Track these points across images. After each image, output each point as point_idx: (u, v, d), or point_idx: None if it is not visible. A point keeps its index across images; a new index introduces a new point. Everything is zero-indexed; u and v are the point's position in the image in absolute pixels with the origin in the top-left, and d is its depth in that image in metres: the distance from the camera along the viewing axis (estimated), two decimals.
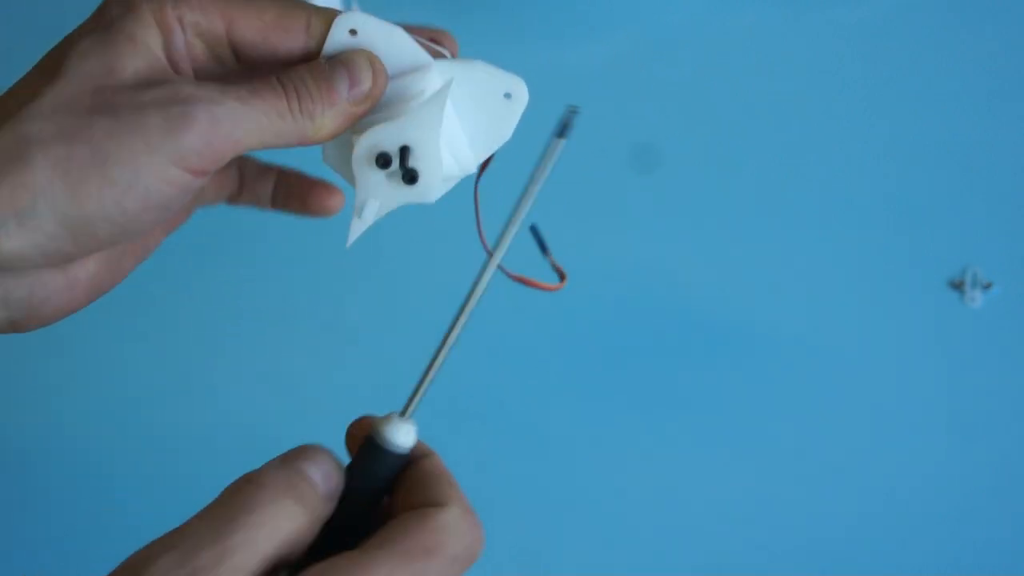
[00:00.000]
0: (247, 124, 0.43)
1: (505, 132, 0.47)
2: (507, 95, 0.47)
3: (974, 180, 0.87)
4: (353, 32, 0.45)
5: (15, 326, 0.44)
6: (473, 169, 0.48)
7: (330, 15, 0.45)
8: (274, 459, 0.39)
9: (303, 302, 0.86)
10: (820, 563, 0.80)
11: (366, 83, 0.45)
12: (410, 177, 0.46)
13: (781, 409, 0.83)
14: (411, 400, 0.42)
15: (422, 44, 0.46)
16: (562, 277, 0.47)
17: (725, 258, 0.87)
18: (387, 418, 0.41)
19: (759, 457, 0.82)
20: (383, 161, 0.45)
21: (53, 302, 0.44)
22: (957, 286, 0.85)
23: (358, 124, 0.46)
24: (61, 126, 0.41)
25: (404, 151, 0.45)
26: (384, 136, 0.45)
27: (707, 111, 0.91)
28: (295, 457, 0.39)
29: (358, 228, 0.47)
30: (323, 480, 0.39)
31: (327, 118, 0.44)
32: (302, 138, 0.44)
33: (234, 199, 0.54)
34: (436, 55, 0.47)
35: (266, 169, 0.53)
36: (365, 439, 0.40)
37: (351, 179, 0.47)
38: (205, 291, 0.87)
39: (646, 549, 0.81)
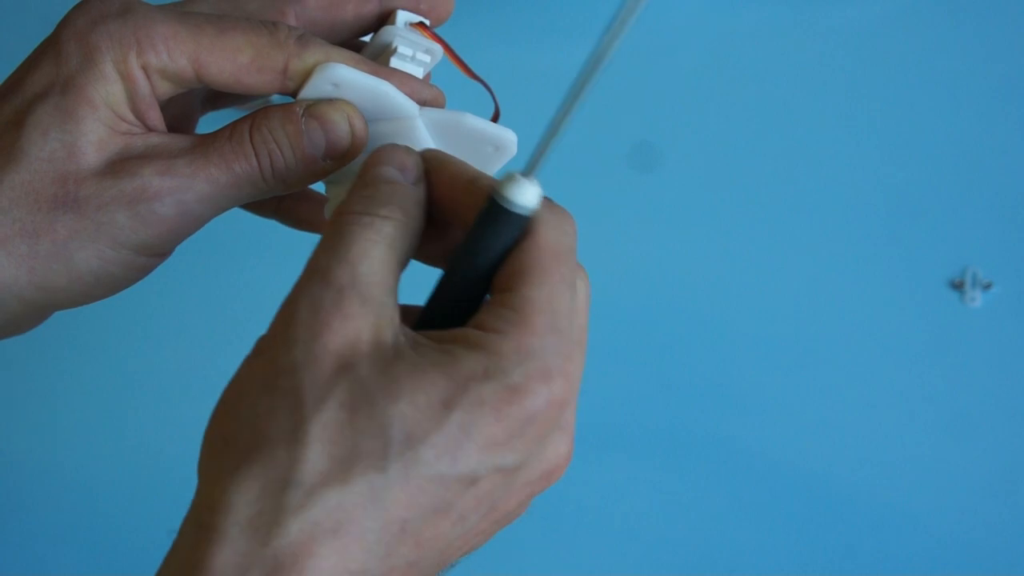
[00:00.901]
0: (217, 200, 0.42)
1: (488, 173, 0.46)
2: (495, 148, 0.46)
3: (974, 180, 0.87)
4: (335, 86, 0.43)
5: (3, 334, 0.44)
6: None
7: (310, 60, 0.42)
8: (354, 180, 0.39)
9: None
10: (819, 563, 0.80)
11: (343, 143, 0.43)
12: None
13: (780, 408, 0.83)
14: (535, 160, 0.39)
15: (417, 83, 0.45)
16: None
17: (724, 257, 0.87)
18: (510, 177, 0.38)
19: (758, 457, 0.82)
20: None
21: (22, 325, 0.44)
22: (957, 286, 0.85)
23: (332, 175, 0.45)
24: (24, 224, 0.40)
25: None
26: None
27: (707, 110, 0.91)
28: (367, 169, 0.39)
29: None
30: (400, 173, 0.39)
31: (298, 177, 0.43)
32: (274, 194, 0.44)
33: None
34: (423, 103, 0.45)
35: None
36: (493, 205, 0.38)
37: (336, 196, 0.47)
38: (205, 291, 0.87)
39: (645, 548, 0.81)
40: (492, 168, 0.46)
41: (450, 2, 0.47)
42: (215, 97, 0.50)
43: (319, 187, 0.49)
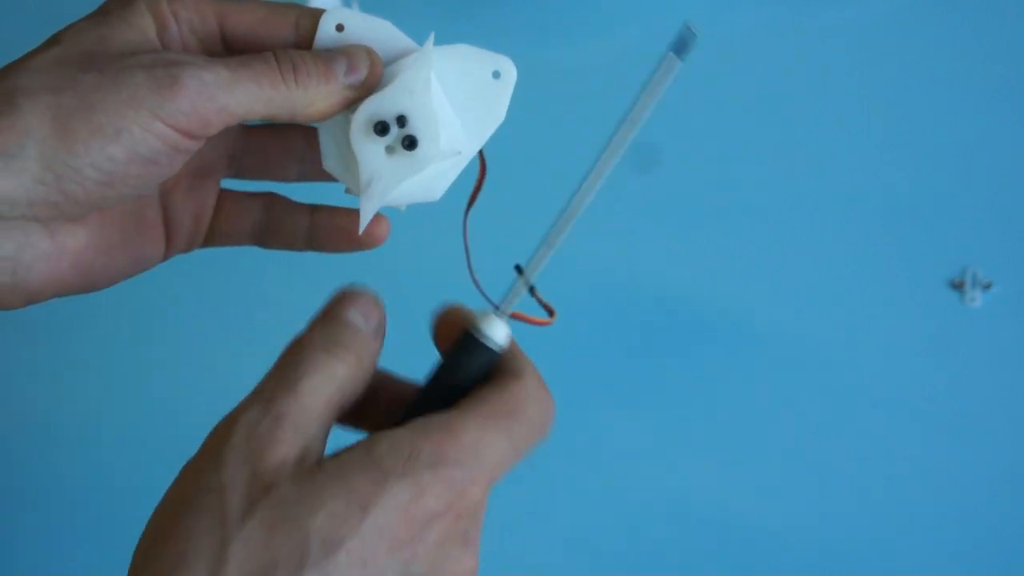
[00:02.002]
0: (235, 90, 0.43)
1: (498, 113, 0.48)
2: (495, 74, 0.48)
3: (974, 180, 0.88)
4: (340, 28, 0.47)
5: (1, 296, 0.44)
6: (473, 153, 0.48)
7: (318, 13, 0.47)
8: (317, 312, 0.42)
9: (304, 302, 0.85)
10: (819, 563, 0.80)
11: (364, 69, 0.46)
12: (409, 142, 0.46)
13: (780, 409, 0.83)
14: (508, 299, 0.44)
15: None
16: (551, 313, 0.48)
17: (724, 257, 0.87)
18: (487, 316, 0.43)
19: (758, 457, 0.82)
20: (380, 128, 0.46)
21: (39, 269, 0.44)
22: (957, 286, 0.85)
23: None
24: (50, 79, 0.42)
25: (400, 119, 0.46)
26: (378, 105, 0.46)
27: (707, 110, 0.91)
28: (333, 306, 0.42)
29: (368, 209, 0.47)
30: (364, 321, 0.42)
31: (320, 95, 0.45)
32: (292, 111, 0.45)
33: (265, 240, 0.53)
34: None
35: (297, 207, 0.52)
36: (464, 334, 0.42)
37: (353, 184, 0.47)
38: (205, 290, 0.87)
39: (643, 547, 0.81)
40: (501, 102, 0.48)
41: None
42: (240, 162, 0.52)
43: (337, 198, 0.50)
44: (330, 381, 0.40)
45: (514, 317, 0.45)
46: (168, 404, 0.85)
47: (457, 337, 0.43)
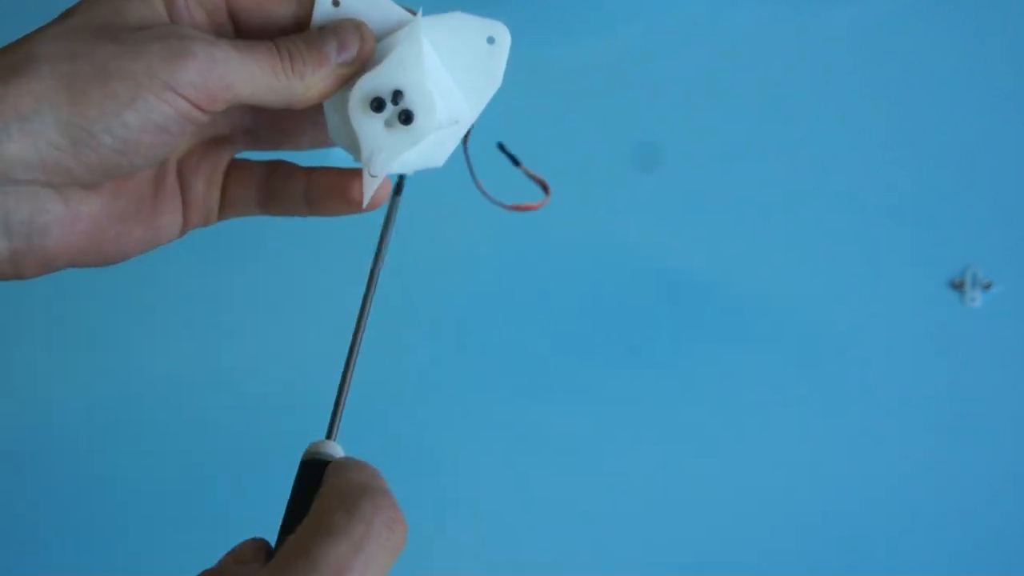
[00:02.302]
0: (241, 71, 0.45)
1: (495, 78, 0.49)
2: (490, 39, 0.49)
3: (974, 180, 0.88)
4: (336, 2, 0.48)
5: (16, 263, 0.45)
6: (472, 119, 0.49)
7: None
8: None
9: (302, 296, 0.86)
10: (819, 562, 0.80)
11: (354, 46, 0.47)
12: (405, 116, 0.47)
13: (780, 408, 0.83)
14: (332, 424, 0.47)
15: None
16: (545, 189, 0.49)
17: (725, 257, 0.87)
18: (317, 443, 0.46)
19: (758, 457, 0.82)
20: (376, 104, 0.47)
21: (53, 234, 0.45)
22: (957, 286, 0.85)
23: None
24: (67, 46, 0.43)
25: (396, 94, 0.47)
26: (373, 82, 0.47)
27: (708, 110, 0.91)
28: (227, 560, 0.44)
29: (371, 183, 0.49)
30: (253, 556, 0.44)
31: (317, 78, 0.47)
32: (292, 96, 0.47)
33: (267, 206, 0.54)
34: (414, 13, 0.49)
35: (295, 170, 0.54)
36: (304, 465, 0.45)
37: (357, 155, 0.49)
38: (205, 288, 0.87)
39: (642, 546, 0.81)
40: (497, 66, 0.49)
41: None
42: (255, 133, 0.53)
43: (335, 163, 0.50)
44: None
45: (511, 208, 0.47)
46: (168, 404, 0.86)
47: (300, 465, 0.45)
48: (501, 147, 0.48)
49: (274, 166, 0.53)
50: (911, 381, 0.83)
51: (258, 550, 0.44)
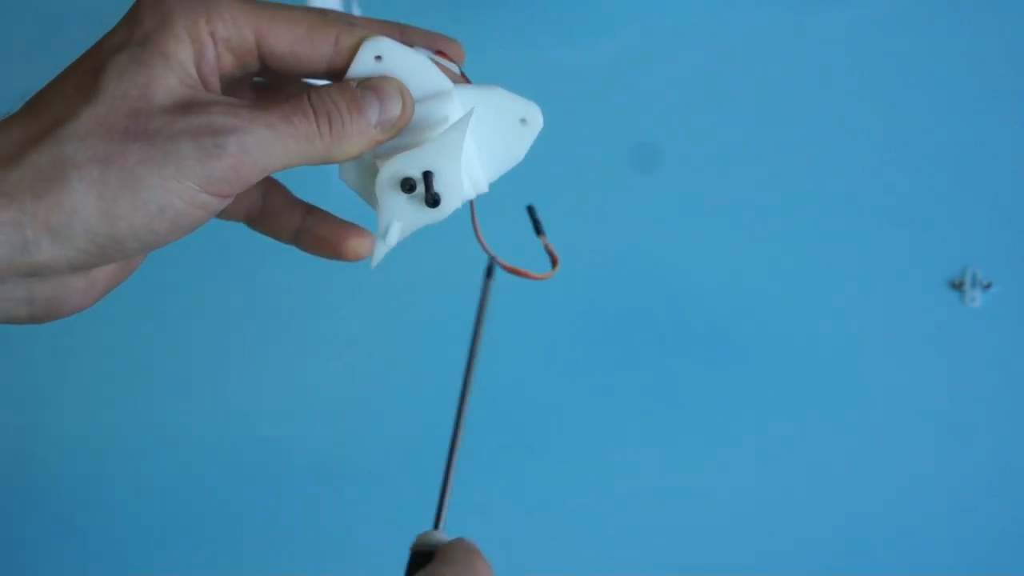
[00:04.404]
0: (275, 150, 0.45)
1: (518, 154, 0.49)
2: (523, 120, 0.49)
3: (974, 180, 0.88)
4: (378, 58, 0.47)
5: (34, 319, 0.46)
6: (485, 189, 0.49)
7: (359, 34, 0.47)
8: None
9: (301, 306, 0.86)
10: (819, 563, 0.80)
11: (395, 111, 0.46)
12: (434, 201, 0.47)
13: (780, 408, 0.83)
14: (439, 515, 0.51)
15: (442, 68, 0.48)
16: (554, 262, 0.49)
17: (725, 257, 0.87)
18: (425, 534, 0.49)
19: (758, 456, 0.82)
20: (408, 186, 0.47)
21: (73, 301, 0.47)
22: (957, 286, 0.85)
23: (379, 147, 0.47)
24: (97, 150, 0.43)
25: (427, 176, 0.47)
26: (409, 163, 0.47)
27: (707, 110, 0.91)
28: None
29: (382, 250, 0.48)
30: None
31: (353, 142, 0.46)
32: (326, 158, 0.46)
33: (254, 223, 0.54)
34: (455, 79, 0.48)
35: (294, 203, 0.53)
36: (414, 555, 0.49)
37: (369, 199, 0.49)
38: (204, 296, 0.87)
39: (642, 549, 0.81)
40: (523, 145, 0.49)
41: (462, 50, 0.50)
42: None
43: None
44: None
45: (515, 272, 0.47)
46: (167, 403, 0.86)
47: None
48: (530, 210, 0.48)
49: (272, 187, 0.53)
50: (911, 381, 0.83)
51: None
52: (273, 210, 0.53)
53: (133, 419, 0.86)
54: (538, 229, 0.49)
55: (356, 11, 0.88)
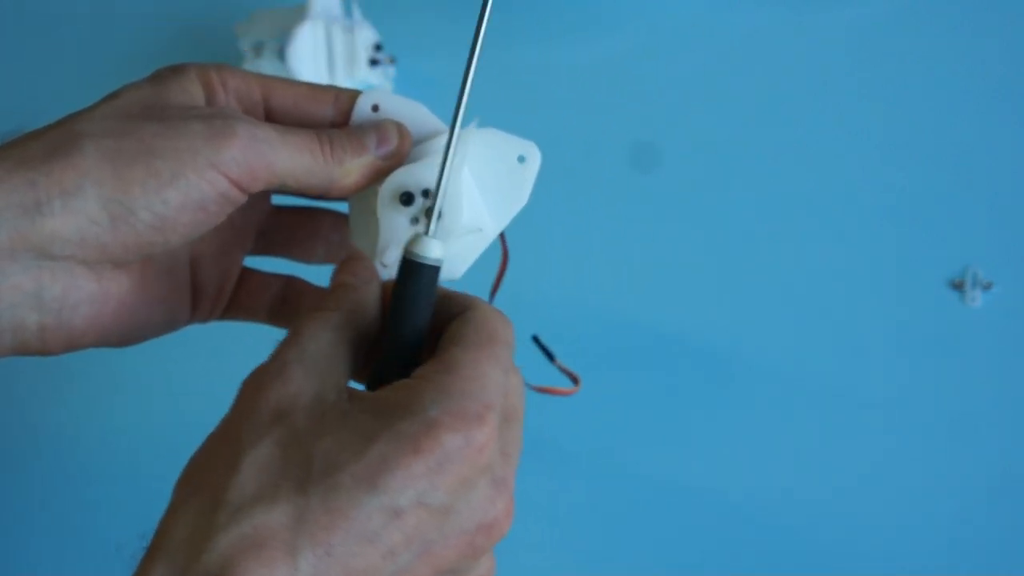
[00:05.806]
0: (282, 151, 0.46)
1: (521, 196, 0.50)
2: (520, 158, 0.50)
3: (974, 180, 0.88)
4: (375, 108, 0.50)
5: (43, 338, 0.46)
6: (494, 236, 0.50)
7: (355, 92, 0.50)
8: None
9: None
10: (820, 563, 0.80)
11: (393, 141, 0.49)
12: (434, 214, 0.47)
13: (779, 408, 0.83)
14: (429, 220, 0.46)
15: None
16: (575, 381, 0.51)
17: (724, 257, 0.87)
18: (416, 238, 0.45)
19: (757, 457, 0.82)
20: (406, 198, 0.48)
21: (83, 312, 0.46)
22: (957, 286, 0.85)
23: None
24: (112, 126, 0.45)
25: (427, 192, 0.48)
26: (408, 177, 0.48)
27: (707, 110, 0.91)
28: (332, 278, 0.46)
29: (382, 274, 0.49)
30: (351, 277, 0.46)
31: (355, 166, 0.48)
32: (331, 181, 0.48)
33: (277, 319, 0.55)
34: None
35: (315, 291, 0.55)
36: (403, 263, 0.45)
37: (371, 254, 0.50)
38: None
39: (642, 549, 0.81)
40: (525, 185, 0.50)
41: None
42: (270, 236, 0.55)
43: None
44: (329, 328, 0.43)
45: (539, 390, 0.48)
46: (167, 403, 0.86)
47: (400, 268, 0.45)
48: (536, 340, 0.49)
49: (290, 282, 0.55)
50: (911, 381, 0.83)
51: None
52: (295, 301, 0.55)
53: (133, 419, 0.86)
54: (550, 356, 0.50)
55: (356, 11, 0.88)
